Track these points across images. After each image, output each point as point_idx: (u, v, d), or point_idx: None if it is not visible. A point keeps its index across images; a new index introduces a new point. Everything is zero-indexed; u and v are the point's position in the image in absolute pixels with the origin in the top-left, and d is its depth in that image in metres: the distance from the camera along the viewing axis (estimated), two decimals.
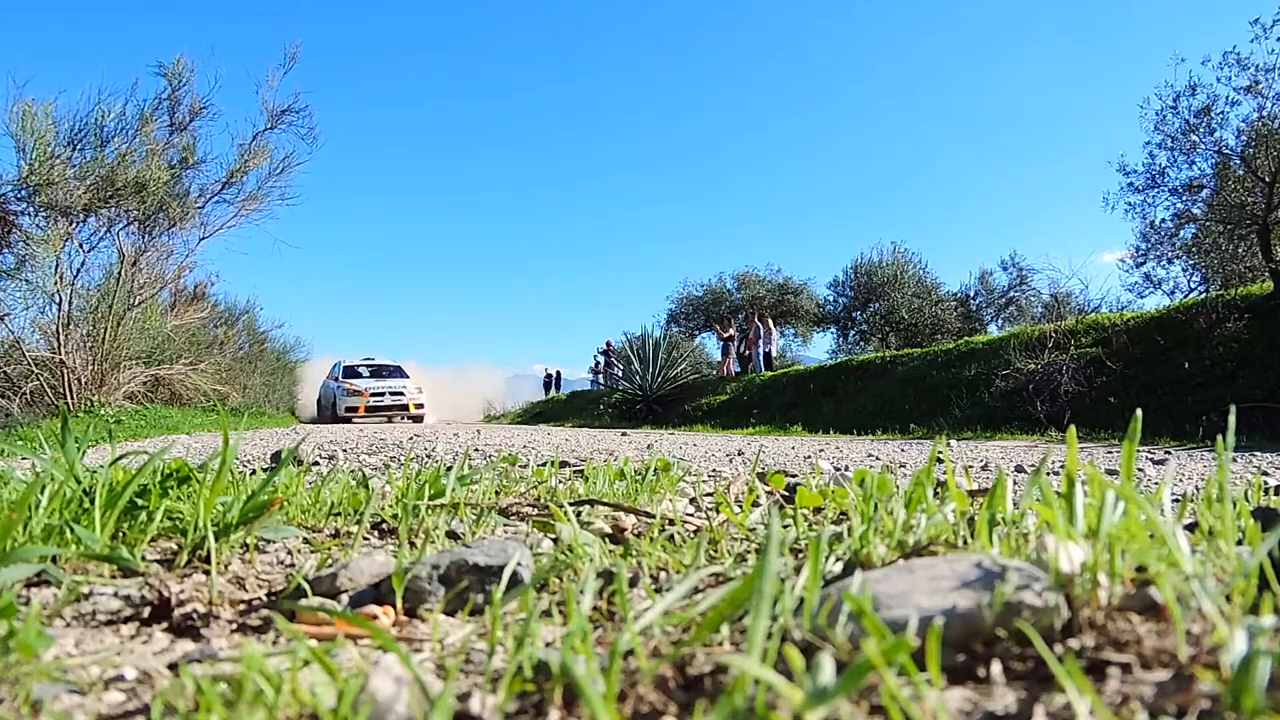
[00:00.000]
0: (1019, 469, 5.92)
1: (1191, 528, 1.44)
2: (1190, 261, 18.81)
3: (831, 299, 36.35)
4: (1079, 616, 0.82)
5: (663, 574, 1.42)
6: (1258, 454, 7.80)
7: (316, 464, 6.24)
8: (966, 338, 21.83)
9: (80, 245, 18.68)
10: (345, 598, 1.27)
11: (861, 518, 1.38)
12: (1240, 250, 17.42)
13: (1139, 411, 1.11)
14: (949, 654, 0.79)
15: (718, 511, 1.96)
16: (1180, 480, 5.15)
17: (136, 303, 19.91)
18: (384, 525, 2.02)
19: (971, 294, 34.91)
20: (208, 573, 1.33)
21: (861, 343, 34.18)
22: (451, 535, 1.86)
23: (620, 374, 29.53)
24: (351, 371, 28.67)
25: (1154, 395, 12.77)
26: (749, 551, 1.56)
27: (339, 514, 2.09)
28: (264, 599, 1.28)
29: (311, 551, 1.69)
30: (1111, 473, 5.15)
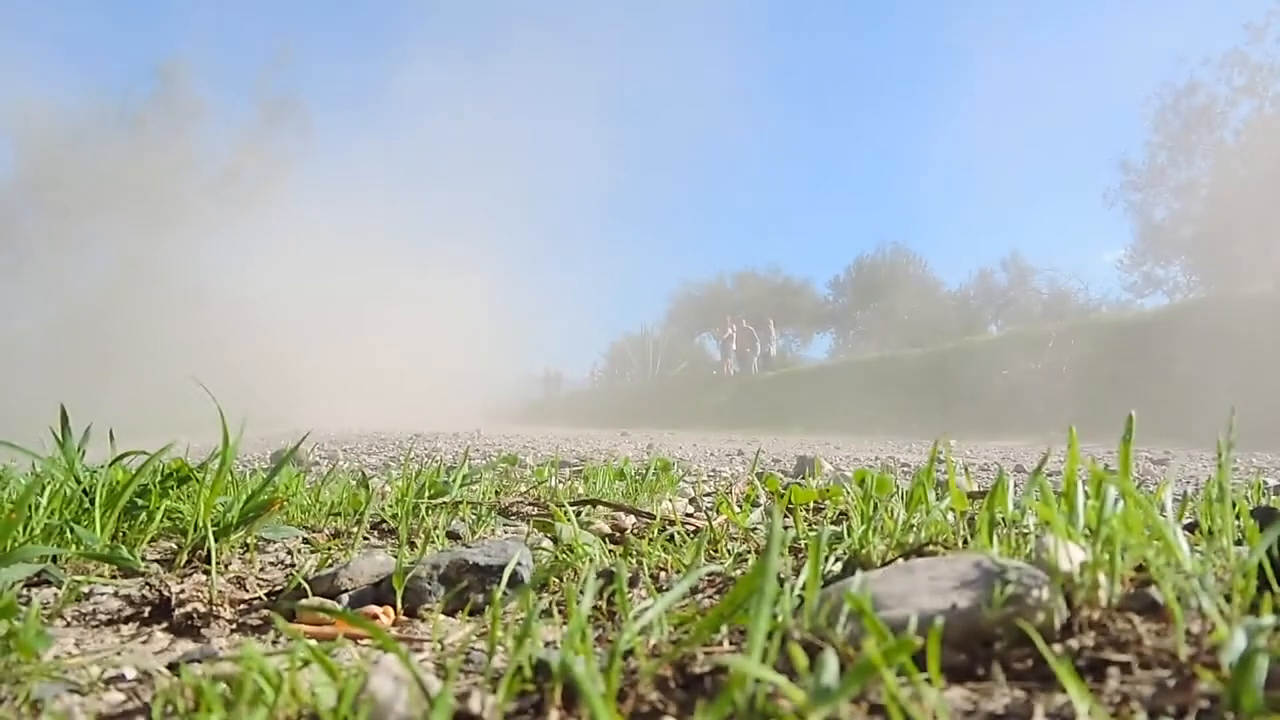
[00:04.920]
0: (1019, 469, 5.92)
1: (1192, 527, 1.44)
2: (1189, 261, 18.84)
3: (831, 298, 36.46)
4: (1079, 616, 0.82)
5: (663, 574, 1.42)
6: (1258, 453, 7.81)
7: (316, 464, 6.24)
8: (967, 338, 21.85)
9: (81, 245, 18.67)
10: (345, 597, 1.27)
11: (861, 518, 1.38)
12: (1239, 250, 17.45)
13: (1134, 411, 1.11)
14: (949, 653, 0.79)
15: (718, 512, 1.96)
16: (1180, 480, 5.14)
17: (137, 301, 19.90)
18: (384, 525, 2.02)
19: (971, 293, 34.95)
20: (208, 572, 1.33)
21: (861, 343, 34.23)
22: (452, 535, 1.86)
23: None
24: None
25: (1154, 394, 12.78)
26: (749, 552, 1.56)
27: (339, 514, 2.09)
28: (264, 599, 1.28)
29: (311, 551, 1.69)
30: (1111, 472, 5.14)
